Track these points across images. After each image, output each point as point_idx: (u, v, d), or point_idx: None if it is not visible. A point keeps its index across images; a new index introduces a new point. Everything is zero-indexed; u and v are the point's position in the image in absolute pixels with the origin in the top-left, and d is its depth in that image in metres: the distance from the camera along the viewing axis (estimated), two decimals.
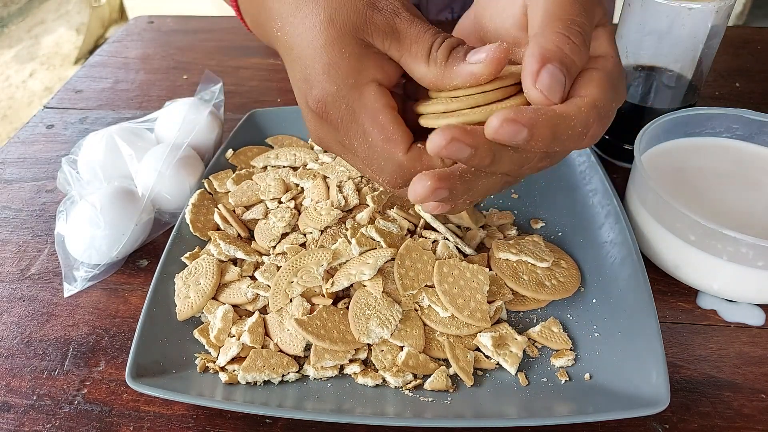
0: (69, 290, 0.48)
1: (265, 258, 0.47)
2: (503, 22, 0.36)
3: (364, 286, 0.43)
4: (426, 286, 0.43)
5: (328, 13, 0.33)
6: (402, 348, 0.41)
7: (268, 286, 0.44)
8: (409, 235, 0.48)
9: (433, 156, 0.30)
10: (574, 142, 0.30)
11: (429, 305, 0.43)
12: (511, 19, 0.35)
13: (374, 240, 0.46)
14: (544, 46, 0.30)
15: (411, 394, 0.39)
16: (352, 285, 0.44)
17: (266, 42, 0.40)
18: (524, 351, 0.41)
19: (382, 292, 0.42)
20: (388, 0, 0.33)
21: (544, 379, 0.40)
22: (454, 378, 0.40)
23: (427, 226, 0.48)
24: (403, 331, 0.41)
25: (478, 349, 0.42)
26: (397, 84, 0.36)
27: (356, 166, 0.36)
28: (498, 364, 0.41)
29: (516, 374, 0.40)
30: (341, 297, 0.44)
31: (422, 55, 0.33)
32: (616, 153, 0.60)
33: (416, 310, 0.43)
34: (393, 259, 0.44)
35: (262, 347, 0.41)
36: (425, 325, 0.42)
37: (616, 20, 0.59)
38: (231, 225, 0.50)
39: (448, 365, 0.40)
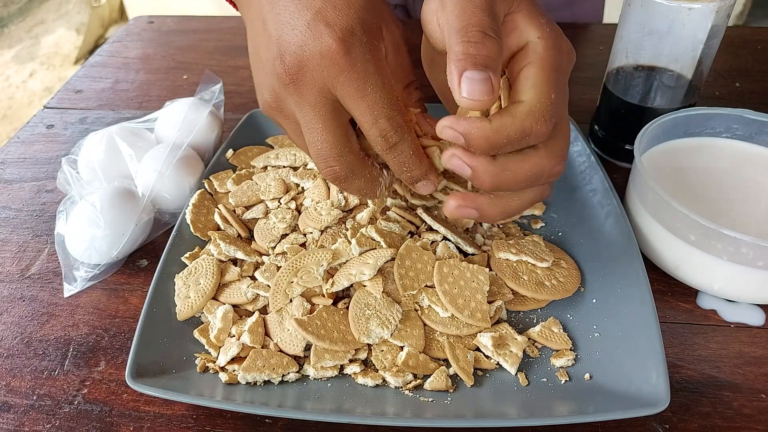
0: (69, 290, 0.48)
1: (265, 258, 0.47)
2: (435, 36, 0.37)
3: (364, 286, 0.43)
4: (426, 286, 0.43)
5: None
6: (402, 348, 0.41)
7: (268, 286, 0.44)
8: (410, 236, 0.48)
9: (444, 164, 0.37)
10: (519, 143, 0.34)
11: (429, 305, 0.43)
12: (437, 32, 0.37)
13: (374, 240, 0.46)
14: (452, 60, 0.32)
15: (411, 394, 0.39)
16: (352, 285, 0.44)
17: (248, 23, 0.42)
18: (524, 351, 0.41)
19: (382, 292, 0.42)
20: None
21: (544, 379, 0.40)
22: (454, 378, 0.40)
23: (429, 229, 0.48)
24: (403, 331, 0.41)
25: (478, 349, 0.42)
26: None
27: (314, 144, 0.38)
28: (498, 364, 0.41)
29: (516, 374, 0.40)
30: (341, 297, 0.44)
31: (402, 83, 0.40)
32: (616, 153, 0.60)
33: (416, 310, 0.43)
34: (393, 259, 0.44)
35: (262, 347, 0.41)
36: (425, 325, 0.42)
37: (615, 20, 0.59)
38: (231, 225, 0.50)
39: (448, 365, 0.41)
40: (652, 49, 0.54)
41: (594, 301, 0.45)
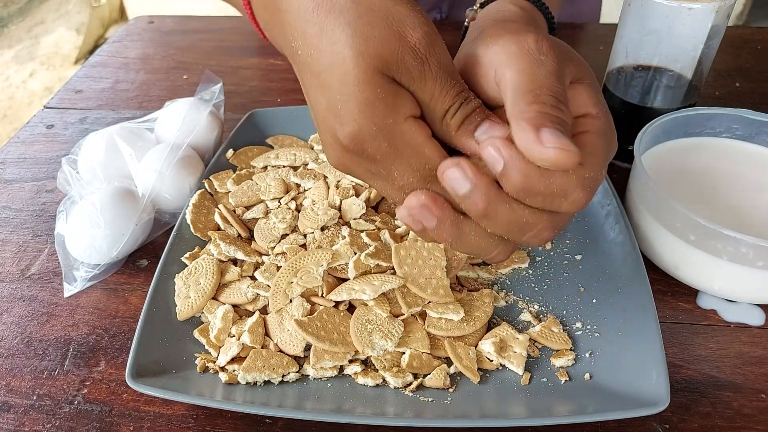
0: (69, 290, 0.48)
1: (264, 258, 0.47)
2: (485, 85, 0.34)
3: (366, 305, 0.42)
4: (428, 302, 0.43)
5: (358, 45, 0.31)
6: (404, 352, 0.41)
7: (268, 286, 0.44)
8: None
9: (401, 219, 0.33)
10: (549, 201, 0.30)
11: (427, 314, 0.43)
12: (491, 84, 0.34)
13: (365, 243, 0.46)
14: (524, 118, 0.29)
15: (411, 394, 0.39)
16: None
17: (278, 49, 0.39)
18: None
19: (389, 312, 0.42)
20: (419, 35, 0.31)
21: (544, 379, 0.40)
22: (454, 378, 0.40)
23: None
24: (406, 338, 0.41)
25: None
26: None
27: (386, 190, 0.35)
28: (502, 365, 0.41)
29: (523, 374, 0.40)
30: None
31: (438, 116, 0.33)
32: (616, 153, 0.60)
33: (413, 316, 0.43)
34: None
35: (262, 347, 0.41)
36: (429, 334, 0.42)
37: (615, 20, 0.59)
38: (231, 225, 0.50)
39: (449, 363, 0.41)
40: (652, 49, 0.54)
41: (594, 301, 0.45)
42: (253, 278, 0.46)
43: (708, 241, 0.43)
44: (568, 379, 0.40)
